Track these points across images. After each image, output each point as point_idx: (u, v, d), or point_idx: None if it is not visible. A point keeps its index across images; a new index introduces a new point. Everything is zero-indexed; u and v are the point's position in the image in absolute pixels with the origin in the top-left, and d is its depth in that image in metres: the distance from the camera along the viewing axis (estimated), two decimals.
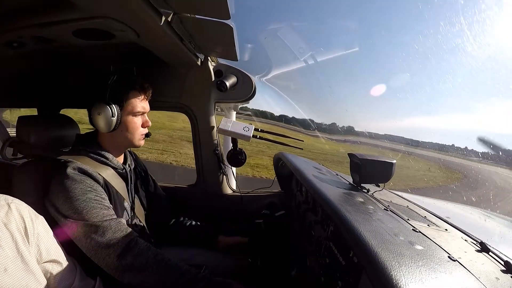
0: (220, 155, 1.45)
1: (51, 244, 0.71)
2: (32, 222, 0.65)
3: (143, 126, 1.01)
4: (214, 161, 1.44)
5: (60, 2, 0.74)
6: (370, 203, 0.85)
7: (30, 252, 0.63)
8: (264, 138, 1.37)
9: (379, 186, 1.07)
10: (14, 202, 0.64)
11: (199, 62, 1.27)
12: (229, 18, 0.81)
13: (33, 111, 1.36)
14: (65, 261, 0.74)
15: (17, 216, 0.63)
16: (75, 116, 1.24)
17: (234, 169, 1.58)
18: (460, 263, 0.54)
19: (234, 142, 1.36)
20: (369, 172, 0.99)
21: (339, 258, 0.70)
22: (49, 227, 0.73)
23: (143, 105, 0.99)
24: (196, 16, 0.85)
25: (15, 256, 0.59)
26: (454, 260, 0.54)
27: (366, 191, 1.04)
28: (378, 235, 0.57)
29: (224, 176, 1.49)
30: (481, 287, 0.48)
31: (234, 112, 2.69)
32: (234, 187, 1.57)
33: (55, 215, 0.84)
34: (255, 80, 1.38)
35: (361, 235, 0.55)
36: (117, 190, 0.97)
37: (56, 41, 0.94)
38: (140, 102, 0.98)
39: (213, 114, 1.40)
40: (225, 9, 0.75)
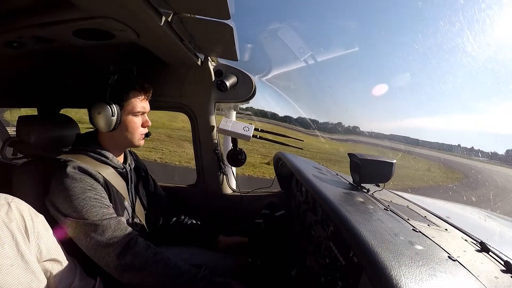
0: (220, 155, 1.45)
1: (51, 243, 0.71)
2: (32, 221, 0.65)
3: (143, 126, 1.01)
4: (214, 161, 1.44)
5: (60, 2, 0.74)
6: (370, 203, 0.85)
7: (30, 250, 0.63)
8: (264, 138, 1.37)
9: (379, 186, 1.07)
10: (14, 201, 0.64)
11: (199, 62, 1.27)
12: (229, 18, 0.80)
13: (33, 111, 1.36)
14: (65, 260, 0.74)
15: (17, 215, 0.62)
16: (75, 116, 1.24)
17: (234, 169, 1.58)
18: (460, 263, 0.54)
19: (234, 142, 1.37)
20: (369, 172, 0.99)
21: (339, 258, 0.70)
22: (49, 226, 0.72)
23: (143, 105, 0.99)
24: (196, 16, 0.85)
25: (15, 254, 0.59)
26: (454, 260, 0.54)
27: (366, 191, 1.04)
28: (378, 235, 0.57)
29: (224, 176, 1.49)
30: (481, 286, 0.48)
31: (234, 112, 2.69)
32: (234, 187, 1.57)
33: (55, 214, 0.84)
34: (255, 80, 1.38)
35: (361, 235, 0.55)
36: (117, 189, 0.98)
37: (56, 41, 0.94)
38: (140, 102, 0.98)
39: (213, 114, 1.40)
40: (225, 9, 0.75)
